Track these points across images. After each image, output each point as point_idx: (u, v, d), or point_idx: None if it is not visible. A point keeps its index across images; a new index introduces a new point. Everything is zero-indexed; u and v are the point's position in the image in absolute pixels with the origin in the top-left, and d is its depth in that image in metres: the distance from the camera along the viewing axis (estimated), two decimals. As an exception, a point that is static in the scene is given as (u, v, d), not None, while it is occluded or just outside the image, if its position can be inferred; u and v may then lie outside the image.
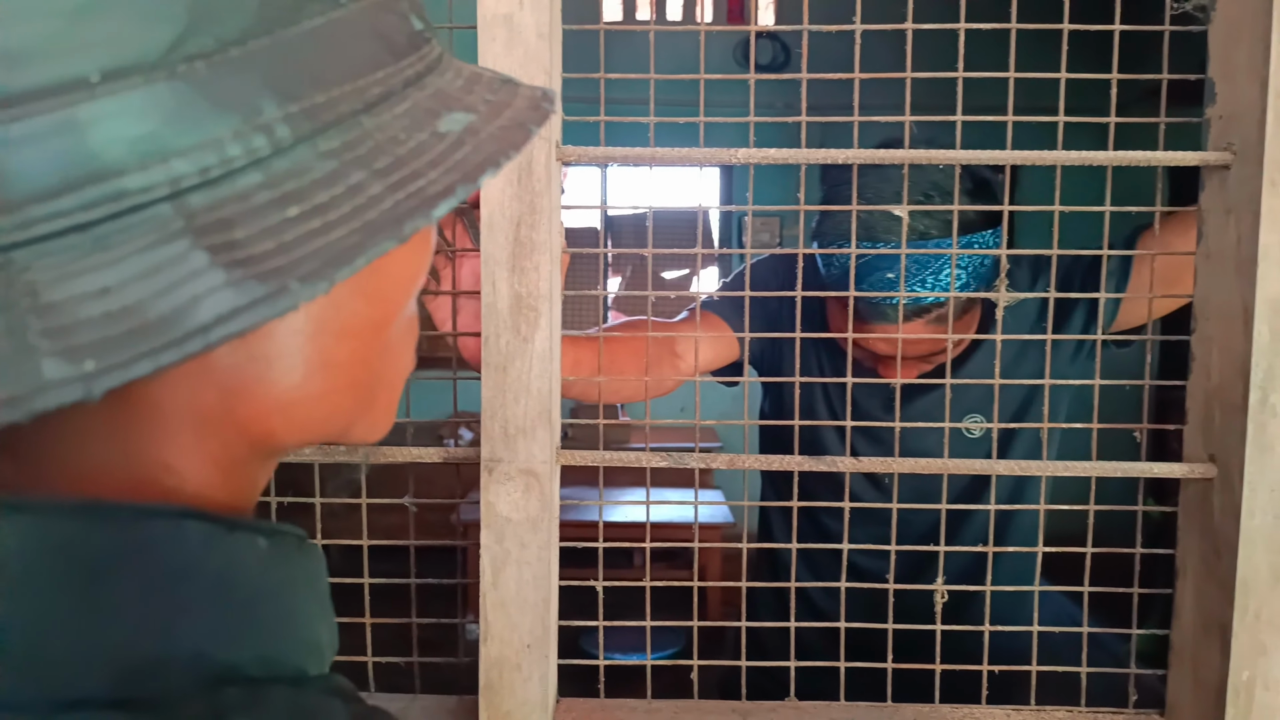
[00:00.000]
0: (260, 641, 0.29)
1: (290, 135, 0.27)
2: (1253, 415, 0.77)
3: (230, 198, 0.26)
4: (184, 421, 0.30)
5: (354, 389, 0.34)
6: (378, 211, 0.27)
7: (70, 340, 0.23)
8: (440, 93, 0.32)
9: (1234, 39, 0.79)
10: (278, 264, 0.25)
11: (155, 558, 0.28)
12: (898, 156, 0.82)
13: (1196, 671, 0.82)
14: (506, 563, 0.78)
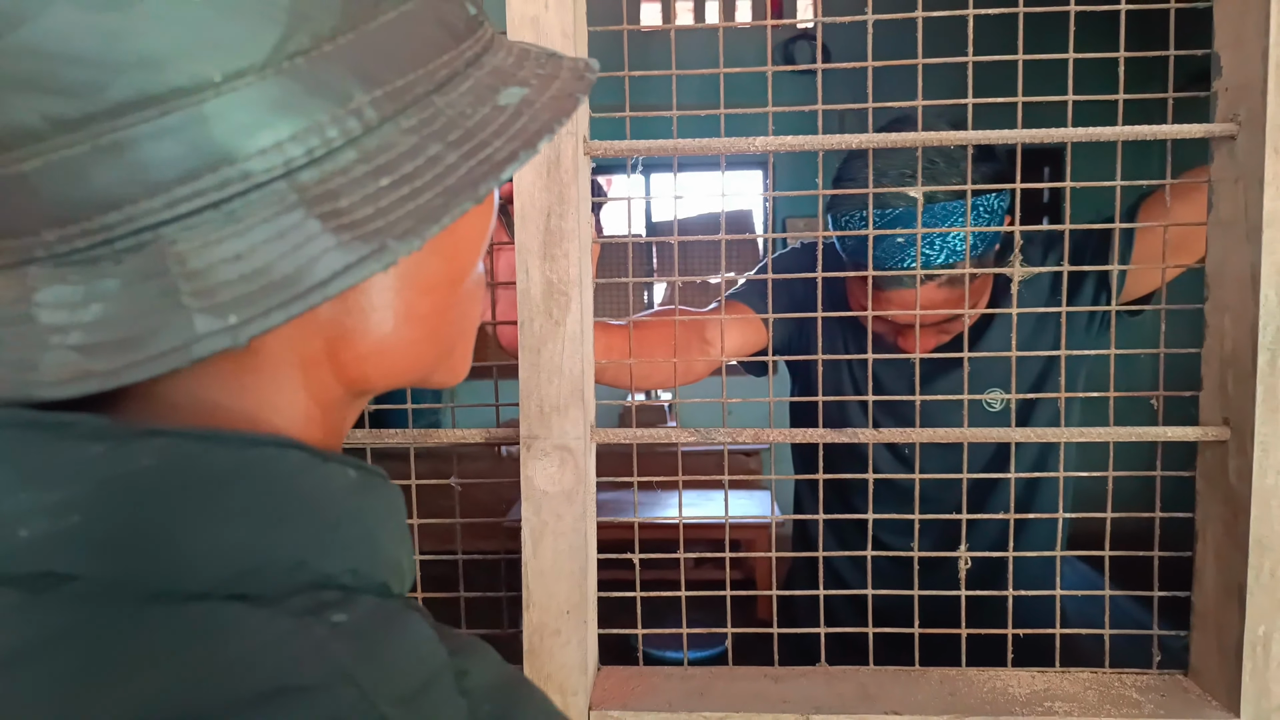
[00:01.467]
0: (350, 556, 0.33)
1: (377, 116, 0.32)
2: (1262, 377, 0.79)
3: (333, 173, 0.31)
4: (291, 367, 0.34)
5: (435, 338, 0.39)
6: (455, 177, 0.32)
7: (215, 299, 0.28)
8: (497, 70, 0.36)
9: (1239, 13, 0.81)
10: (377, 226, 0.30)
11: (262, 477, 0.32)
12: (911, 139, 0.85)
13: (1219, 632, 0.84)
14: (544, 534, 0.83)
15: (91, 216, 0.28)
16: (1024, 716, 0.83)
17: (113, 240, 0.28)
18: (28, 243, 0.29)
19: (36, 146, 0.28)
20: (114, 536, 0.29)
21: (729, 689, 0.88)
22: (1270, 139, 0.78)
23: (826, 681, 0.89)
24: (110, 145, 0.28)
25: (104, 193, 0.28)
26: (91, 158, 0.28)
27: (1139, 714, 0.83)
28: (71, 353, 0.28)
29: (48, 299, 0.28)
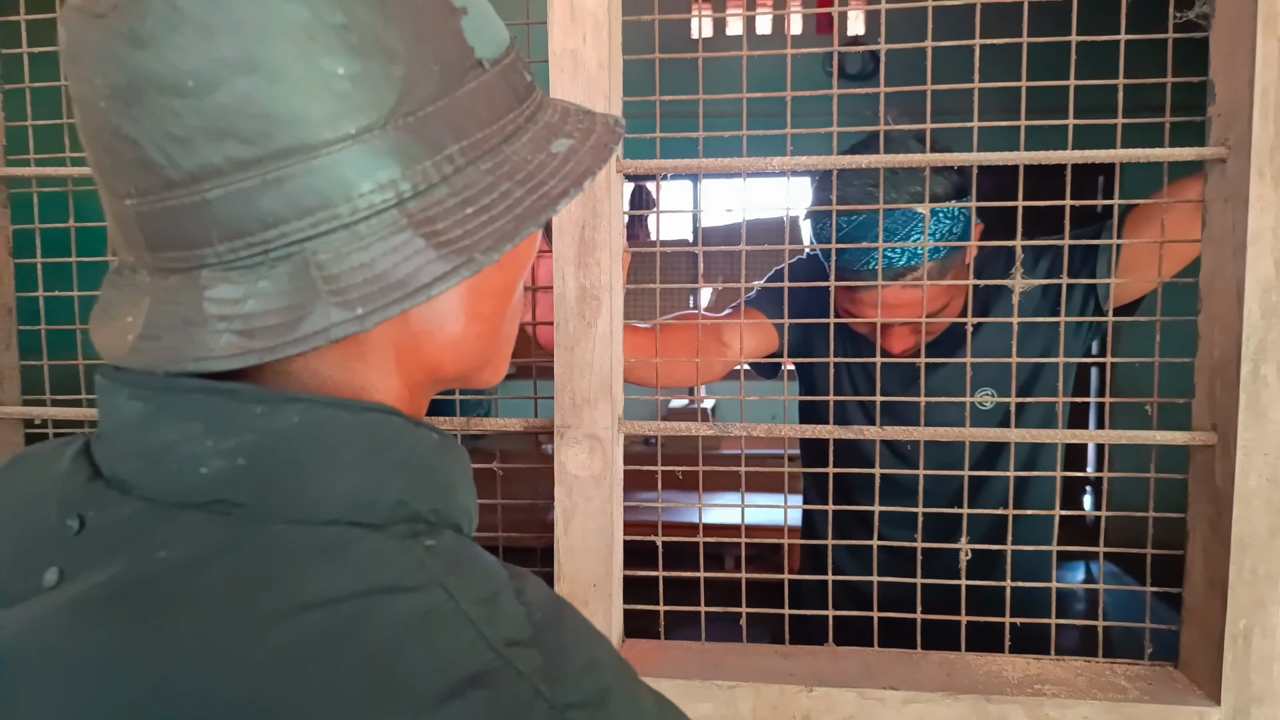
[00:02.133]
0: (435, 499, 0.43)
1: (463, 161, 0.41)
2: (1245, 385, 0.84)
3: (431, 203, 0.40)
4: (388, 356, 0.44)
5: (493, 335, 0.48)
6: (522, 208, 0.41)
7: (347, 296, 0.38)
8: (548, 125, 0.46)
9: (1230, 43, 0.86)
10: (466, 243, 0.40)
11: (373, 436, 0.41)
12: (917, 160, 0.92)
13: (1204, 625, 0.89)
14: (574, 514, 0.92)
15: (255, 233, 0.38)
16: (1013, 696, 0.89)
17: (269, 251, 0.38)
18: (202, 252, 0.38)
19: (219, 180, 0.37)
20: (269, 475, 0.39)
21: (741, 663, 0.96)
22: (1255, 162, 0.83)
23: (832, 659, 0.96)
24: (274, 180, 0.37)
25: (266, 215, 0.38)
26: (259, 189, 0.37)
27: (1123, 699, 0.88)
28: (235, 336, 0.38)
29: (215, 295, 0.38)
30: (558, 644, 0.38)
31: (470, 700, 0.34)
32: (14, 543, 0.42)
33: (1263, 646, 0.85)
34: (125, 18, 0.36)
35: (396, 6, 0.39)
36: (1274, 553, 0.85)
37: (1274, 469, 0.84)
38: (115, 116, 0.38)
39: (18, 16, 1.04)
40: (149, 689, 0.34)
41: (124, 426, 0.40)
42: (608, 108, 0.89)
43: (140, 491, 0.39)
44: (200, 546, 0.37)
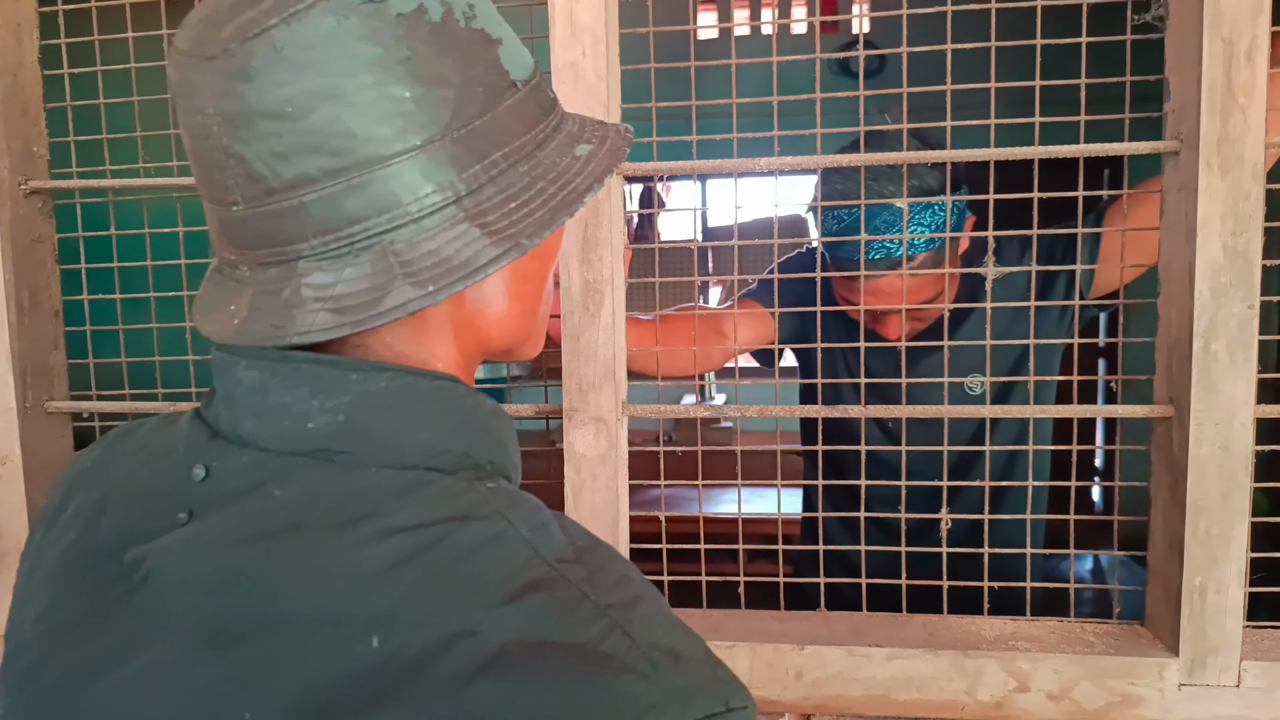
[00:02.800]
0: (491, 452, 0.51)
1: (505, 164, 0.49)
2: (1197, 361, 0.91)
3: (481, 200, 0.48)
4: (447, 331, 0.52)
5: (530, 315, 0.57)
6: (555, 201, 0.49)
7: (419, 277, 0.46)
8: (570, 134, 0.54)
9: (1182, 43, 0.93)
10: (512, 231, 0.48)
11: (443, 399, 0.49)
12: (895, 158, 0.99)
13: (1165, 584, 0.97)
14: (582, 490, 1.00)
15: (342, 229, 0.46)
16: (989, 651, 0.96)
17: (354, 243, 0.46)
18: (299, 247, 0.47)
19: (313, 186, 0.45)
20: (363, 429, 0.47)
21: (740, 626, 1.03)
22: (1204, 154, 0.90)
23: (824, 623, 1.04)
24: (358, 184, 0.45)
25: (351, 214, 0.46)
26: (346, 193, 0.45)
27: (1090, 652, 0.96)
28: (329, 313, 0.46)
29: (310, 281, 0.46)
30: (595, 563, 0.46)
31: (532, 600, 0.42)
32: (143, 494, 0.50)
33: (1217, 601, 0.93)
34: (234, 59, 0.44)
35: (448, 42, 0.47)
36: (1226, 515, 0.92)
37: (1225, 437, 0.91)
38: (226, 139, 0.46)
39: (59, 40, 1.12)
40: (271, 597, 0.43)
41: (244, 392, 0.48)
42: (606, 114, 0.96)
43: (257, 444, 0.48)
44: (309, 486, 0.46)
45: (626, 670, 0.41)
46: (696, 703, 0.41)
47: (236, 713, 0.41)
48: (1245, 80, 0.89)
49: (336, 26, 0.44)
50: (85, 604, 0.49)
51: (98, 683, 0.46)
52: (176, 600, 0.45)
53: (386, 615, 0.41)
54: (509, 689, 0.39)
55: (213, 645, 0.43)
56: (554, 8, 0.96)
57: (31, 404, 1.11)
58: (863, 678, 0.98)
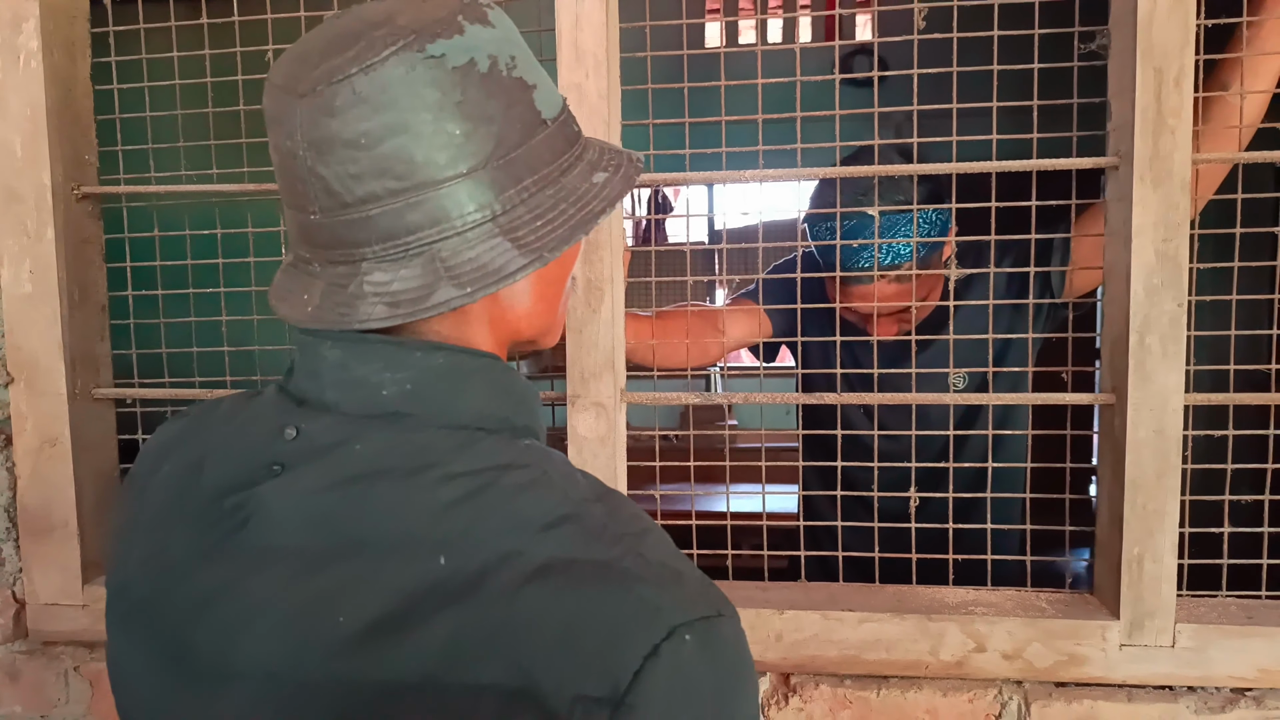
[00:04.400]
0: (525, 416, 0.61)
1: (535, 189, 0.58)
2: (1133, 353, 1.02)
3: (515, 218, 0.57)
4: (484, 322, 0.61)
5: (552, 312, 0.66)
6: (574, 221, 0.59)
7: (460, 279, 0.55)
8: (590, 162, 0.63)
9: (1120, 70, 1.05)
10: (537, 245, 0.57)
11: (489, 372, 0.59)
12: (868, 171, 1.11)
13: (1108, 554, 1.07)
14: (583, 469, 1.10)
15: (401, 238, 0.55)
16: (950, 615, 1.07)
17: (409, 250, 0.56)
18: (364, 251, 0.56)
19: (378, 203, 0.55)
20: (427, 397, 0.57)
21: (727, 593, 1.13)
22: (1138, 169, 1.01)
23: (803, 591, 1.15)
24: (416, 202, 0.55)
25: (409, 226, 0.55)
26: (406, 209, 0.55)
27: (1041, 616, 1.06)
28: (385, 306, 0.56)
29: (371, 279, 0.56)
30: (613, 503, 0.57)
31: (565, 528, 0.53)
32: (238, 451, 0.60)
33: (1153, 569, 1.03)
34: (322, 98, 0.54)
35: (494, 88, 0.57)
36: (1160, 492, 1.02)
37: (1159, 422, 1.02)
38: (311, 160, 0.56)
39: (109, 58, 1.23)
40: (359, 527, 0.53)
41: (328, 367, 0.58)
42: (608, 131, 1.08)
43: (339, 409, 0.58)
44: (385, 441, 0.56)
45: (641, 581, 0.51)
46: (696, 608, 0.51)
47: (333, 617, 0.51)
48: (1174, 104, 1.00)
49: (405, 75, 0.54)
50: (191, 545, 0.58)
51: (214, 608, 0.55)
52: (278, 534, 0.55)
53: (451, 540, 0.52)
54: (551, 593, 0.50)
55: (311, 568, 0.53)
56: (560, 34, 1.07)
57: (80, 390, 1.22)
58: (836, 639, 1.08)
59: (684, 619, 0.49)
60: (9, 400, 1.22)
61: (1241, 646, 1.04)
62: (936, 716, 1.07)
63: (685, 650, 0.49)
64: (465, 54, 0.56)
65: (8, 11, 1.16)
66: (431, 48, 0.55)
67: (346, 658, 0.51)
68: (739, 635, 0.53)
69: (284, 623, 0.53)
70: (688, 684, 0.49)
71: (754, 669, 0.54)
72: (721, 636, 0.51)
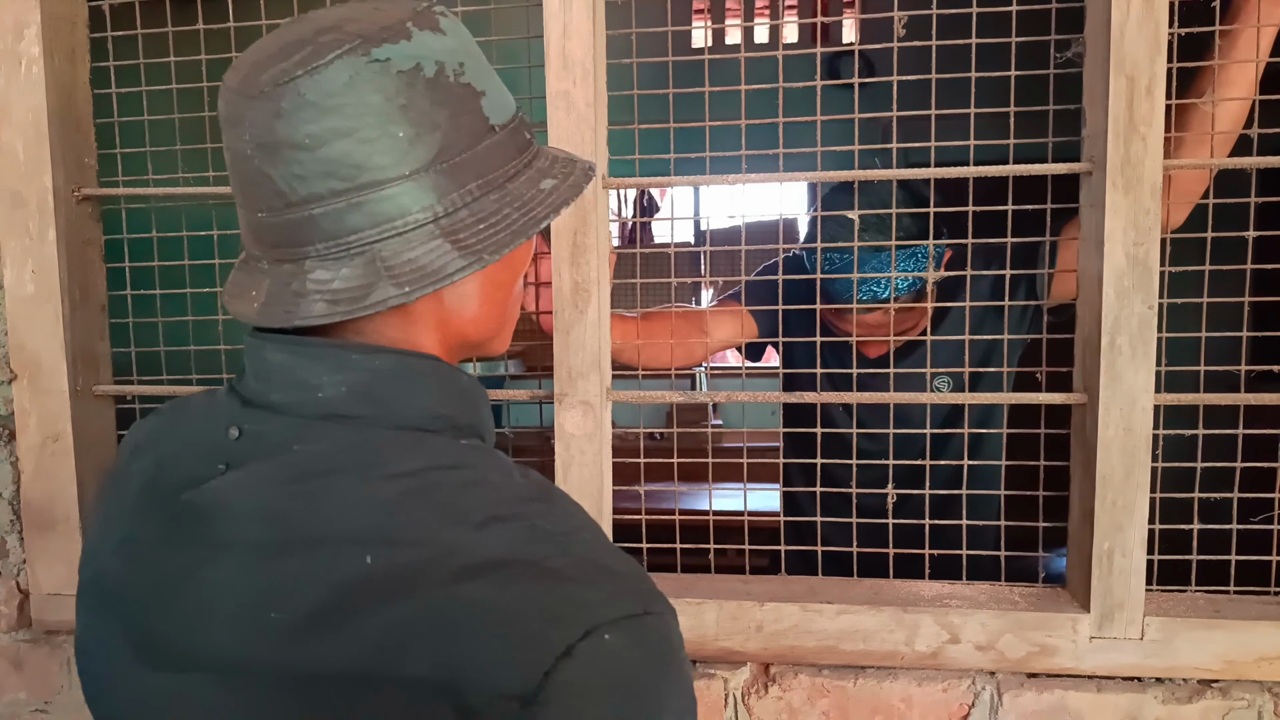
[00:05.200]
0: (470, 417, 0.63)
1: (479, 192, 0.59)
2: (1104, 354, 1.05)
3: (457, 220, 0.58)
4: (431, 325, 0.62)
5: (500, 316, 0.67)
6: (516, 226, 0.60)
7: (399, 279, 0.57)
8: (540, 169, 0.64)
9: (1094, 79, 1.07)
10: (478, 248, 0.58)
11: (435, 374, 0.60)
12: (845, 176, 1.13)
13: (1079, 549, 1.11)
14: (571, 464, 1.13)
15: (343, 237, 0.57)
16: (925, 608, 1.10)
17: (350, 249, 0.58)
18: (307, 249, 0.58)
19: (321, 203, 0.57)
20: (370, 398, 0.59)
21: (709, 586, 1.17)
22: (1110, 175, 1.04)
23: (783, 584, 1.18)
24: (357, 203, 0.57)
25: (350, 226, 0.57)
26: (347, 209, 0.57)
27: (1013, 609, 1.09)
28: (325, 303, 0.58)
29: (314, 277, 0.59)
30: (549, 504, 0.59)
31: (499, 527, 0.55)
32: (194, 449, 0.63)
33: (1122, 564, 1.06)
34: (270, 100, 0.57)
35: (440, 93, 0.59)
36: (1129, 488, 1.05)
37: (1128, 420, 1.05)
38: (259, 161, 0.58)
39: (107, 63, 1.25)
40: (305, 524, 0.56)
41: (274, 369, 0.61)
42: (594, 138, 1.10)
43: (285, 411, 0.60)
44: (329, 442, 0.58)
45: (566, 579, 0.52)
46: (621, 605, 0.52)
47: (277, 610, 0.54)
48: (1145, 112, 1.03)
49: (350, 79, 0.56)
50: (158, 534, 0.61)
51: (179, 589, 0.58)
52: (231, 528, 0.57)
53: (388, 537, 0.54)
54: (479, 591, 0.51)
55: (259, 562, 0.56)
56: (549, 43, 1.10)
57: (81, 387, 1.25)
58: (815, 630, 1.11)
59: (606, 618, 0.51)
60: (13, 397, 1.25)
61: (1208, 639, 1.07)
62: (912, 705, 1.11)
63: (605, 649, 0.50)
64: (411, 59, 0.58)
65: (10, 18, 1.19)
66: (377, 52, 0.57)
67: (289, 649, 0.53)
68: (668, 633, 0.54)
69: (235, 615, 0.55)
70: (604, 683, 0.50)
71: (684, 668, 0.55)
72: (648, 634, 0.52)
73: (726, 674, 1.13)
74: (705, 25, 4.09)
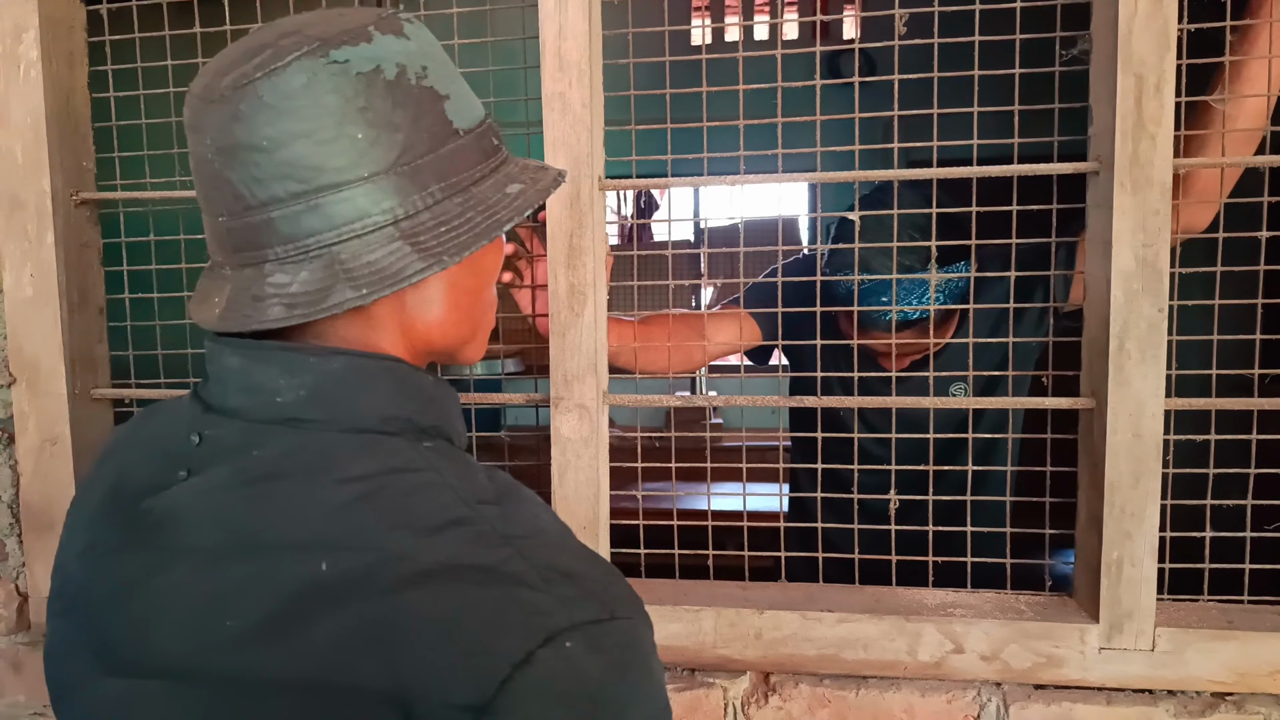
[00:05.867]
0: (434, 418, 0.61)
1: (441, 195, 0.59)
2: (1113, 358, 1.03)
3: (418, 223, 0.58)
4: (394, 330, 0.61)
5: (468, 322, 0.66)
6: (480, 228, 0.59)
7: (356, 282, 0.56)
8: (508, 174, 0.64)
9: (1101, 76, 1.05)
10: (438, 250, 0.57)
11: (391, 375, 0.59)
12: (846, 177, 1.11)
13: (1087, 557, 1.08)
14: (567, 469, 1.12)
15: (301, 240, 0.56)
16: (929, 617, 1.08)
17: (309, 252, 0.57)
18: (266, 253, 0.57)
19: (279, 205, 0.56)
20: (325, 401, 0.58)
21: (708, 593, 1.15)
22: (1118, 175, 1.01)
23: (782, 591, 1.16)
24: (315, 205, 0.56)
25: (308, 229, 0.56)
26: (305, 212, 0.56)
27: (1019, 618, 1.07)
28: (282, 307, 0.57)
29: (273, 281, 0.58)
30: (509, 506, 0.57)
31: (452, 532, 0.53)
32: (157, 455, 0.62)
33: (1131, 573, 1.04)
34: (229, 104, 0.56)
35: (400, 96, 0.58)
36: (1137, 495, 1.03)
37: (1137, 426, 1.02)
38: (218, 165, 0.57)
39: (105, 67, 1.25)
40: (256, 529, 0.54)
41: (231, 374, 0.60)
42: (590, 139, 1.09)
43: (242, 416, 0.59)
44: (284, 446, 0.57)
45: (523, 585, 0.51)
46: (583, 609, 0.50)
47: (228, 616, 0.53)
48: (1154, 110, 1.00)
49: (308, 81, 0.55)
50: (119, 539, 0.61)
51: (134, 595, 0.58)
52: (185, 534, 0.57)
53: (340, 543, 0.53)
54: (430, 598, 0.50)
55: (211, 568, 0.55)
56: (544, 44, 1.08)
57: (79, 390, 1.25)
58: (815, 638, 1.09)
59: (567, 623, 0.49)
60: (11, 400, 1.25)
61: (1221, 650, 1.04)
62: (915, 716, 1.09)
63: (565, 656, 0.49)
64: (370, 61, 0.57)
65: (9, 22, 1.19)
66: (335, 54, 0.56)
67: (238, 656, 0.52)
68: (635, 639, 0.52)
69: (186, 621, 0.55)
70: (565, 692, 0.48)
71: (653, 675, 0.53)
72: (613, 640, 0.51)
73: (726, 683, 1.11)
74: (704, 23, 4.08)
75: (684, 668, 1.13)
